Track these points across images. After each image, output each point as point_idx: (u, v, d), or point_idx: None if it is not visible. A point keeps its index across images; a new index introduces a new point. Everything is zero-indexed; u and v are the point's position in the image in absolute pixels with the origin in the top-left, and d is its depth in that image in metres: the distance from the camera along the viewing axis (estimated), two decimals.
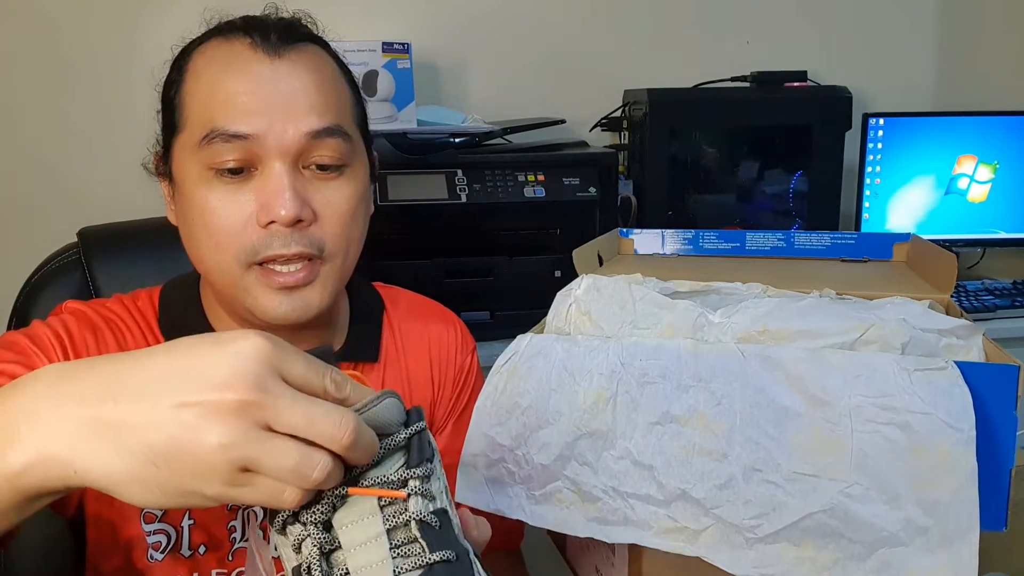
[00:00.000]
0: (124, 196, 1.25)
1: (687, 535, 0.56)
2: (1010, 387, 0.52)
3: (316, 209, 0.69)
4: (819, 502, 0.52)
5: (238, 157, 0.67)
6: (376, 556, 0.42)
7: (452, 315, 0.91)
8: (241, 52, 0.69)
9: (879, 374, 0.53)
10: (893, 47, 1.95)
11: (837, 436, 0.53)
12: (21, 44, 1.60)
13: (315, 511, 0.42)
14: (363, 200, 0.74)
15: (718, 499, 0.55)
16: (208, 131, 0.67)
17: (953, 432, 0.51)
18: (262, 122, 0.66)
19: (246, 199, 0.67)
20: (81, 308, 0.75)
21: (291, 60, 0.69)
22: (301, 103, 0.68)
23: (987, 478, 0.51)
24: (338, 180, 0.71)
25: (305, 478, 0.39)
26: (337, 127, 0.70)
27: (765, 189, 1.77)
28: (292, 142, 0.67)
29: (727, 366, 0.57)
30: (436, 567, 0.42)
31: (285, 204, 0.66)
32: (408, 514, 0.42)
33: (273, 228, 0.67)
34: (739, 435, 0.55)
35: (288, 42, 0.70)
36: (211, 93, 0.68)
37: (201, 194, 0.68)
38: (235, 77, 0.68)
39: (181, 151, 0.70)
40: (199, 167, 0.68)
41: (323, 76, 0.71)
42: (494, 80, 1.80)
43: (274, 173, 0.67)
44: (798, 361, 0.55)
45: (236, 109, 0.67)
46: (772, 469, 0.54)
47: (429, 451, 0.45)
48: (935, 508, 0.51)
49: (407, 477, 0.43)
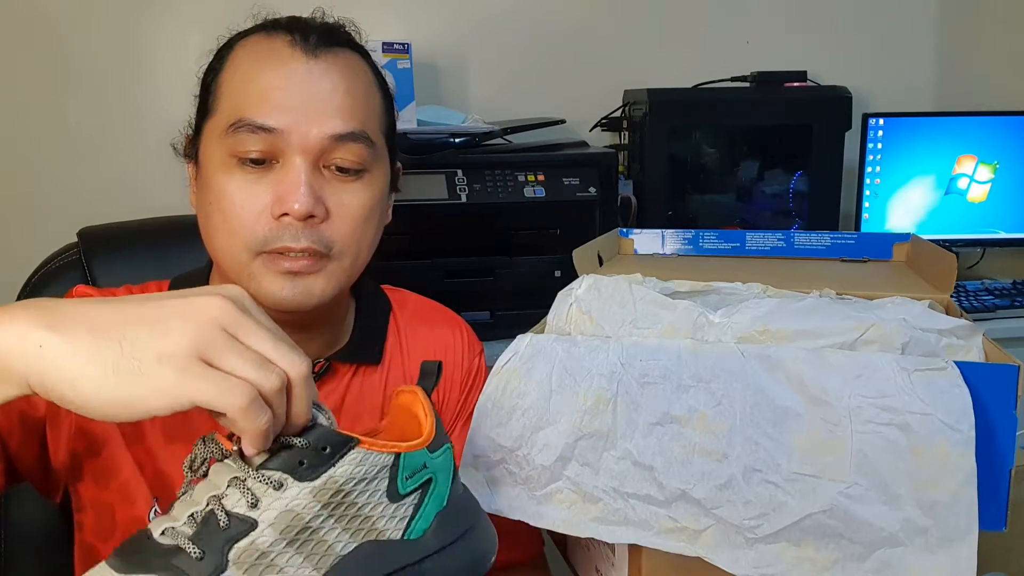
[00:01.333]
0: (124, 196, 1.25)
1: (687, 535, 0.56)
2: (1010, 387, 0.52)
3: (330, 208, 0.70)
4: (819, 502, 0.52)
5: (261, 148, 0.68)
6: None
7: (459, 319, 0.92)
8: (280, 48, 0.71)
9: (879, 374, 0.53)
10: (893, 47, 1.95)
11: (837, 436, 0.53)
12: (21, 44, 1.60)
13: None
14: (377, 206, 0.75)
15: (718, 499, 0.55)
16: (237, 119, 0.69)
17: (953, 433, 0.51)
18: (289, 118, 0.68)
19: (263, 190, 0.69)
20: (91, 293, 0.76)
21: (326, 62, 0.71)
22: (329, 105, 0.70)
23: (987, 478, 0.51)
24: (355, 184, 0.72)
25: (261, 383, 0.41)
26: (361, 133, 0.71)
27: (765, 189, 1.77)
28: (315, 142, 0.69)
29: (727, 366, 0.57)
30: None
31: (300, 199, 0.68)
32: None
33: (285, 221, 0.69)
34: (739, 435, 0.55)
35: (327, 45, 0.72)
36: (245, 83, 0.70)
37: (221, 180, 0.70)
38: (270, 71, 0.70)
39: (209, 135, 0.72)
40: (223, 153, 0.70)
41: (355, 82, 0.73)
42: (494, 80, 1.80)
43: (293, 168, 0.69)
44: (798, 361, 0.55)
45: (267, 102, 0.69)
46: (772, 469, 0.54)
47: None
48: (934, 509, 0.51)
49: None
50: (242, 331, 0.42)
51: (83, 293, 0.76)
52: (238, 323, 0.42)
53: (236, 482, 0.43)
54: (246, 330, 0.42)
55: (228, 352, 0.41)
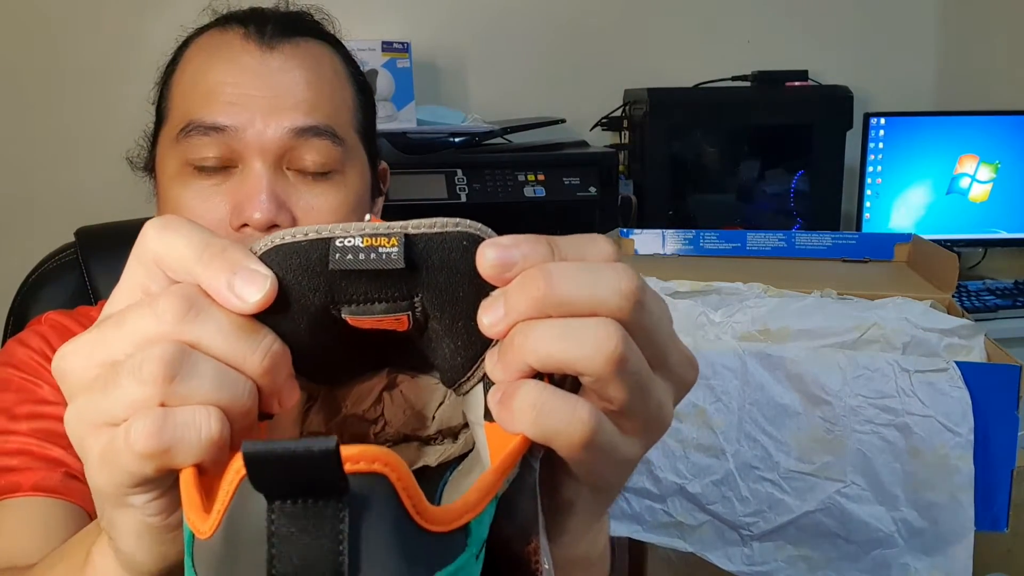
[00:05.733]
0: (122, 196, 1.25)
1: (683, 530, 0.56)
2: (1011, 387, 0.52)
3: (296, 214, 0.63)
4: (816, 501, 0.52)
5: (216, 154, 0.62)
6: None
7: None
8: (231, 42, 0.64)
9: (879, 375, 0.53)
10: (894, 46, 1.94)
11: (835, 436, 0.53)
12: (20, 44, 1.60)
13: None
14: (353, 211, 0.66)
15: (714, 495, 0.55)
16: (187, 123, 0.62)
17: (951, 436, 0.51)
18: (242, 115, 0.61)
19: (221, 200, 0.62)
20: (60, 320, 0.72)
21: (284, 53, 0.64)
22: (288, 99, 0.63)
23: (988, 479, 0.51)
24: (324, 185, 0.64)
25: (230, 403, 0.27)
26: (326, 127, 0.64)
27: (766, 189, 1.77)
28: (273, 139, 0.62)
29: (727, 363, 0.57)
30: None
31: (259, 207, 0.60)
32: None
33: (247, 232, 0.61)
34: (737, 432, 0.55)
35: (286, 35, 0.65)
36: (194, 83, 0.64)
37: (176, 191, 0.63)
38: (220, 67, 0.63)
39: (163, 144, 0.66)
40: (177, 162, 0.63)
41: (319, 73, 0.65)
42: (494, 80, 1.80)
43: (252, 173, 0.61)
44: (798, 360, 0.55)
45: (216, 100, 0.62)
46: (769, 467, 0.54)
47: None
48: (931, 510, 0.51)
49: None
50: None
51: (53, 322, 0.71)
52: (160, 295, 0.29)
53: None
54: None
55: (198, 326, 0.28)
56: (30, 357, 0.67)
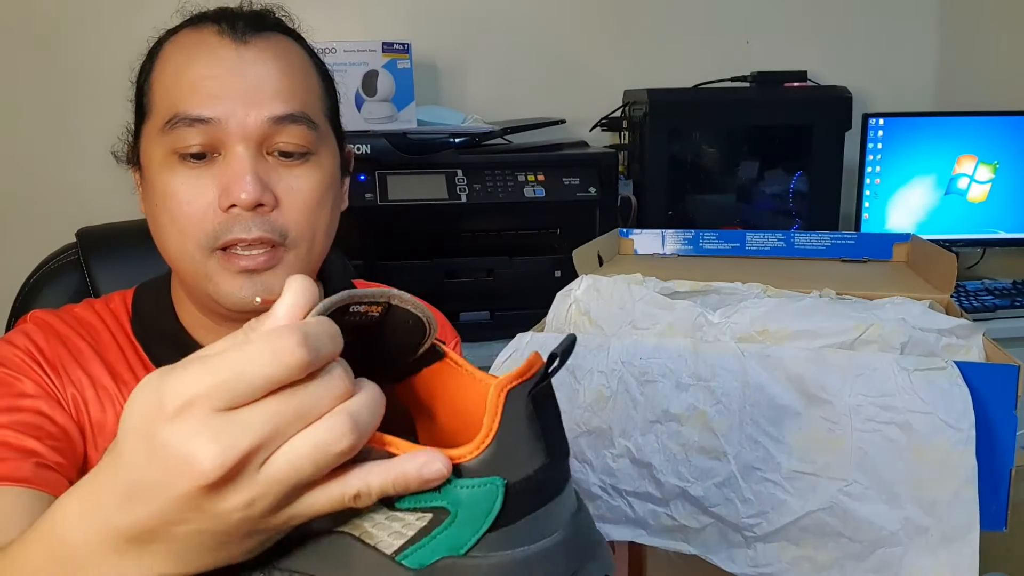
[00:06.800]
0: (123, 196, 1.25)
1: (686, 533, 0.56)
2: (1010, 387, 0.52)
3: (278, 195, 0.69)
4: (818, 501, 0.52)
5: (201, 142, 0.67)
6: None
7: (434, 310, 0.91)
8: (208, 38, 0.70)
9: (879, 374, 0.53)
10: (893, 47, 1.95)
11: (837, 435, 0.53)
12: (21, 44, 1.60)
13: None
14: (329, 190, 0.73)
15: (717, 497, 0.55)
16: (172, 115, 0.67)
17: (953, 432, 0.51)
18: (225, 107, 0.67)
19: (208, 184, 0.68)
20: (46, 318, 0.75)
21: (257, 47, 0.70)
22: (265, 89, 0.68)
23: (987, 478, 0.51)
24: (303, 167, 0.70)
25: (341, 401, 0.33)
26: (302, 114, 0.70)
27: (765, 189, 1.77)
28: (255, 127, 0.67)
29: (727, 365, 0.57)
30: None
31: (245, 188, 0.66)
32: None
33: (234, 212, 0.67)
34: (738, 433, 0.55)
35: (256, 30, 0.71)
36: (177, 78, 0.69)
37: (164, 179, 0.68)
38: (200, 62, 0.69)
39: (148, 137, 0.71)
40: (163, 152, 0.68)
41: (290, 64, 0.71)
42: (494, 80, 1.80)
43: (236, 157, 0.67)
44: (798, 360, 0.55)
45: (200, 93, 0.67)
46: (771, 468, 0.54)
47: None
48: (935, 508, 0.51)
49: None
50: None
51: (38, 320, 0.74)
52: (213, 391, 0.31)
53: None
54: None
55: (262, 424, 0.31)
56: (14, 354, 0.70)
